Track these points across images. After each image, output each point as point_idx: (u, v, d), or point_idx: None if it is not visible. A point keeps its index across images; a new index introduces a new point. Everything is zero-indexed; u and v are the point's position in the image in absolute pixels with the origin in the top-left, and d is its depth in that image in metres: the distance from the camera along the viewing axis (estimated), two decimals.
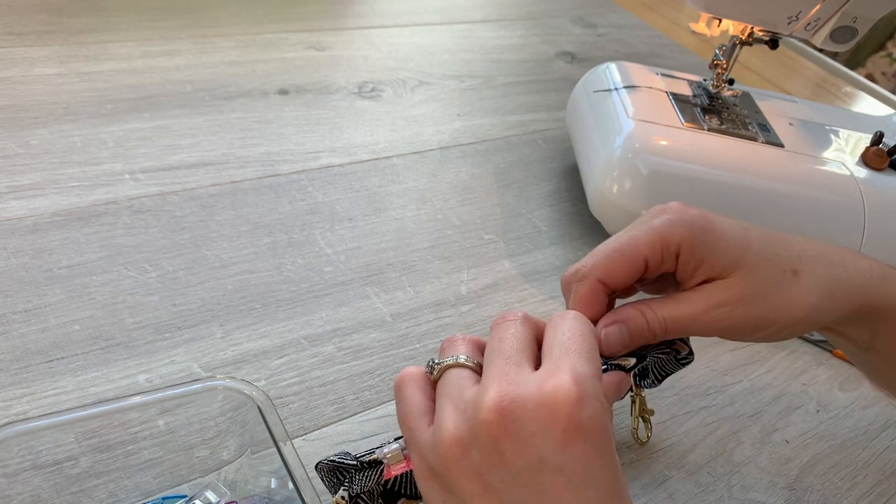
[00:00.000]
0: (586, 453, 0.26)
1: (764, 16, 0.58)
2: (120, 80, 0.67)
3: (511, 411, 0.26)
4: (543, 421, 0.26)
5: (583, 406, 0.26)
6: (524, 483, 0.26)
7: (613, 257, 0.36)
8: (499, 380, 0.28)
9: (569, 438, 0.26)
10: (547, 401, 0.26)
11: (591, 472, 0.26)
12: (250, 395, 0.35)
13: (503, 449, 0.26)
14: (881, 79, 1.81)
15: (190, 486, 0.37)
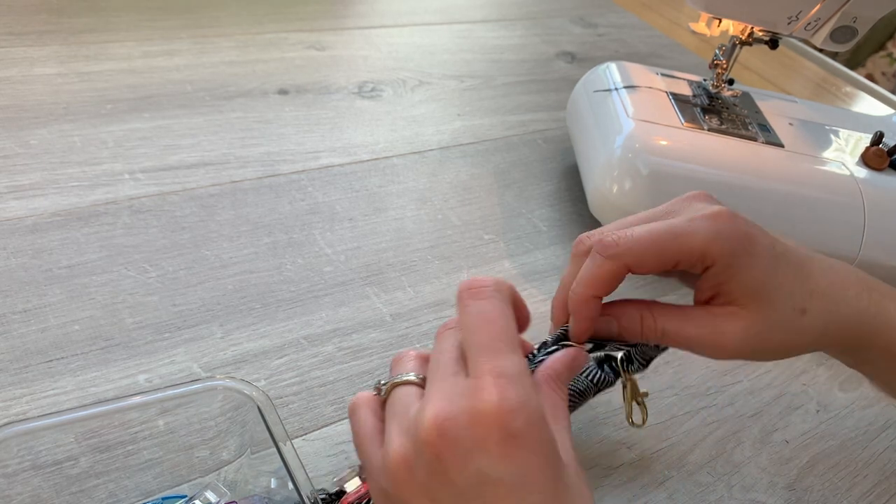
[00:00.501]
0: (523, 459, 0.26)
1: (764, 16, 0.58)
2: (120, 80, 0.67)
3: (447, 430, 0.26)
4: (477, 436, 0.26)
5: (513, 416, 0.26)
6: (469, 498, 0.26)
7: (650, 250, 0.34)
8: (435, 396, 0.28)
9: (503, 450, 0.26)
10: (477, 416, 0.26)
11: (531, 476, 0.26)
12: (250, 395, 0.35)
13: (445, 467, 0.26)
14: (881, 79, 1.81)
15: (190, 486, 0.37)
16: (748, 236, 0.35)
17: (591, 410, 0.48)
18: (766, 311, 0.35)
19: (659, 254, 0.34)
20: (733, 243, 0.35)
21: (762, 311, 0.35)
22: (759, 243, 0.36)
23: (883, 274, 0.58)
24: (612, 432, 0.47)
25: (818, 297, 0.37)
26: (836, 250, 0.57)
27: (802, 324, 0.36)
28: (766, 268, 0.36)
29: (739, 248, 0.35)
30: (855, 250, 0.57)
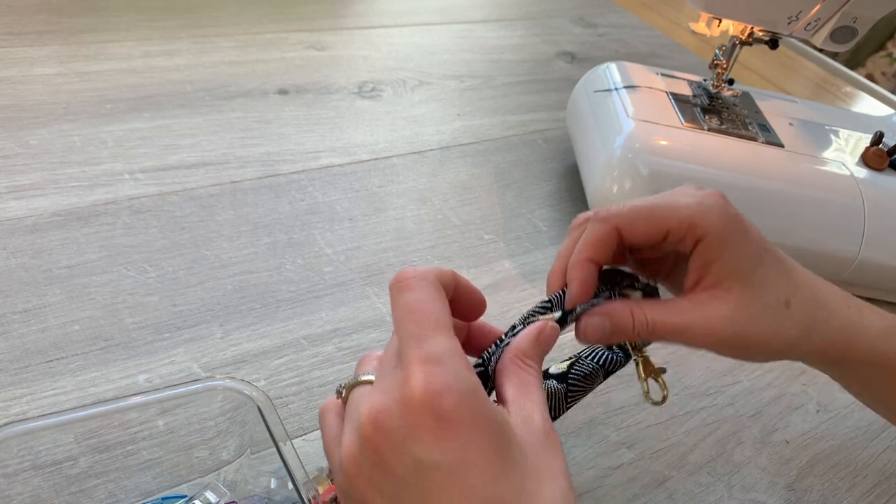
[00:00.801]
0: (457, 442, 0.26)
1: (764, 16, 0.58)
2: (120, 80, 0.67)
3: (380, 422, 0.27)
4: (408, 424, 0.26)
5: (440, 398, 0.26)
6: (410, 486, 0.27)
7: (642, 215, 0.36)
8: (374, 391, 0.28)
9: (436, 435, 0.26)
10: (407, 404, 0.26)
11: (467, 458, 0.26)
12: (250, 395, 0.35)
13: (384, 458, 0.27)
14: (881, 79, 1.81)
15: (190, 486, 0.37)
16: (739, 219, 0.36)
17: (592, 410, 0.48)
18: (750, 297, 0.36)
19: (649, 218, 0.36)
20: (724, 220, 0.36)
21: (747, 296, 0.36)
22: (750, 230, 0.37)
23: (883, 274, 0.59)
24: (611, 432, 0.47)
25: (802, 294, 0.38)
26: (836, 250, 0.57)
27: (787, 316, 0.37)
28: (754, 253, 0.36)
29: (731, 226, 0.36)
30: (855, 250, 0.57)
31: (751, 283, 0.36)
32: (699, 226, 0.35)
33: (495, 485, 0.26)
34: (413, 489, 0.27)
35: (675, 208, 0.36)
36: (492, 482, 0.26)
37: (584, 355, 0.41)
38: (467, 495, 0.26)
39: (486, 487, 0.26)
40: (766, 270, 0.37)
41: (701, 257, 0.36)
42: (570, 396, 0.39)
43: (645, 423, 0.48)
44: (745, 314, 0.36)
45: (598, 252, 0.36)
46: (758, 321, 0.36)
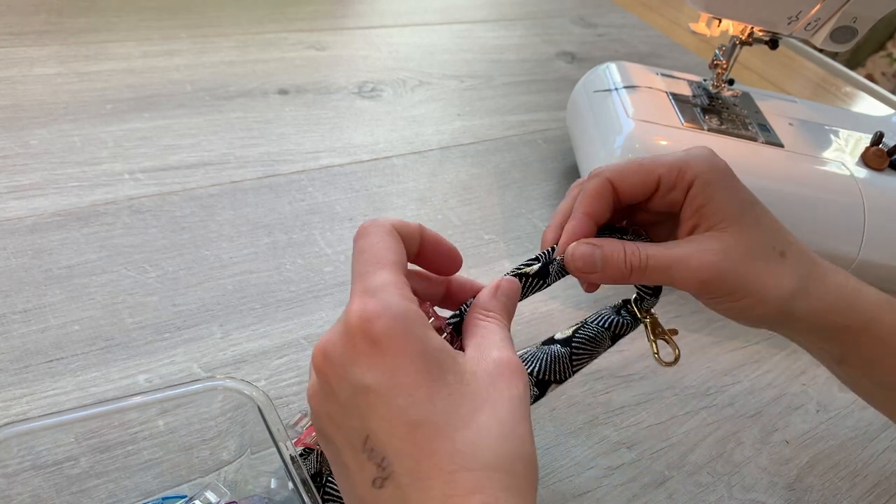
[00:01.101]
0: (389, 364, 0.27)
1: (764, 16, 0.58)
2: (120, 80, 0.67)
3: (326, 352, 0.28)
4: (346, 352, 0.28)
5: (371, 322, 0.27)
6: (350, 409, 0.28)
7: (632, 166, 0.37)
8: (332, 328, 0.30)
9: (368, 358, 0.27)
10: (345, 332, 0.28)
11: (398, 381, 0.27)
12: (250, 395, 0.35)
13: (332, 387, 0.28)
14: (881, 79, 1.81)
15: (190, 486, 0.37)
16: (727, 166, 0.38)
17: (591, 410, 0.48)
18: (745, 236, 0.36)
19: (639, 167, 0.37)
20: (712, 165, 0.37)
21: (742, 236, 0.36)
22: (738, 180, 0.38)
23: (883, 274, 0.59)
24: (612, 432, 0.47)
25: (797, 248, 0.38)
26: (836, 250, 0.57)
27: (781, 264, 0.37)
28: (746, 200, 0.38)
29: (719, 168, 0.37)
30: (855, 250, 0.57)
31: (745, 224, 0.37)
32: (688, 170, 0.36)
33: (424, 406, 0.27)
34: (352, 412, 0.28)
35: (663, 158, 0.37)
36: (420, 403, 0.27)
37: (590, 320, 0.40)
38: (395, 415, 0.27)
39: (414, 408, 0.27)
40: (758, 215, 0.38)
41: (692, 203, 0.37)
42: (574, 359, 0.39)
43: (645, 423, 0.48)
44: (743, 251, 0.36)
45: (595, 206, 0.37)
46: (754, 262, 0.36)
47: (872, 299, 0.39)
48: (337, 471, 0.30)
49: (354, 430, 0.28)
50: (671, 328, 0.40)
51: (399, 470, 0.26)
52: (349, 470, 0.28)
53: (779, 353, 0.55)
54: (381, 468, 0.27)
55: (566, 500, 0.42)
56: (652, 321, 0.40)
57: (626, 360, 0.51)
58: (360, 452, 0.28)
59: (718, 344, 0.55)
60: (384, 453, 0.27)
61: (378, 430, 0.27)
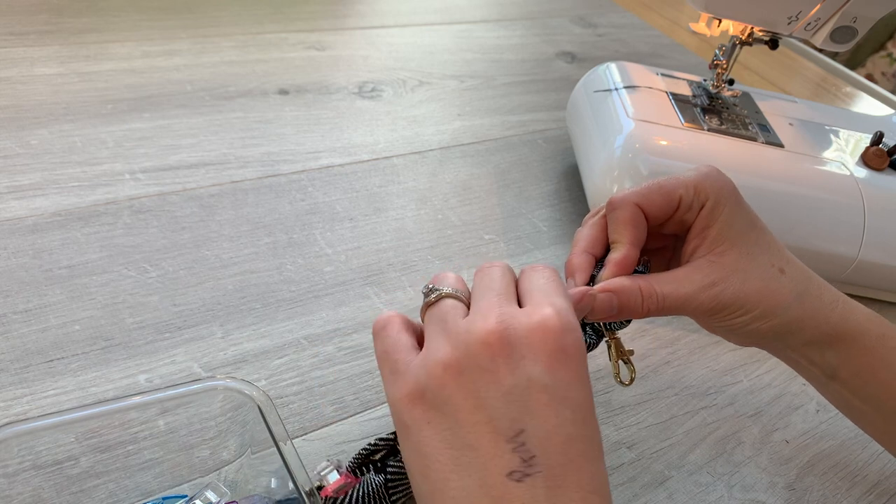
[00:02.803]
0: (567, 375, 0.29)
1: (764, 16, 0.58)
2: (120, 80, 0.67)
3: (506, 335, 0.29)
4: (533, 345, 0.29)
5: (566, 334, 0.29)
6: (513, 399, 0.28)
7: (653, 188, 0.39)
8: (495, 309, 0.30)
9: (554, 362, 0.29)
10: (537, 328, 0.29)
11: (569, 393, 0.29)
12: (250, 395, 0.35)
13: (497, 368, 0.29)
14: (881, 79, 1.81)
15: (190, 486, 0.37)
16: (734, 188, 0.40)
17: None
18: (745, 257, 0.39)
19: (660, 188, 0.38)
20: (723, 186, 0.39)
21: (743, 257, 0.39)
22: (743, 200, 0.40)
23: (883, 274, 0.59)
24: (612, 432, 0.47)
25: (795, 266, 0.40)
26: (836, 250, 0.57)
27: (780, 280, 0.39)
28: (748, 220, 0.40)
29: (728, 192, 0.39)
30: (855, 250, 0.57)
31: (744, 246, 0.39)
32: (703, 189, 0.39)
33: (583, 425, 0.29)
34: (516, 401, 0.28)
35: (680, 178, 0.39)
36: (581, 422, 0.29)
37: None
38: (560, 423, 0.28)
39: (575, 424, 0.29)
40: (758, 236, 0.40)
41: (700, 224, 0.39)
42: None
43: (645, 423, 0.48)
44: (744, 276, 0.38)
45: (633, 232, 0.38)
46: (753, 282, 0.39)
47: (864, 312, 0.41)
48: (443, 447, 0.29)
49: (510, 418, 0.28)
50: (629, 349, 0.42)
51: (547, 473, 0.28)
52: (477, 451, 0.28)
53: None
54: (526, 464, 0.28)
55: None
56: (615, 342, 0.42)
57: None
58: (504, 441, 0.28)
59: (718, 344, 0.55)
60: (535, 452, 0.28)
61: (538, 429, 0.28)
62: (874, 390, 0.41)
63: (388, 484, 0.37)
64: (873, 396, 0.42)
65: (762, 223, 0.41)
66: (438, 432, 0.29)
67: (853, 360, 0.41)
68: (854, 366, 0.41)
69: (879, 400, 0.42)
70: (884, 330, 0.41)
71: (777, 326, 0.40)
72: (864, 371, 0.41)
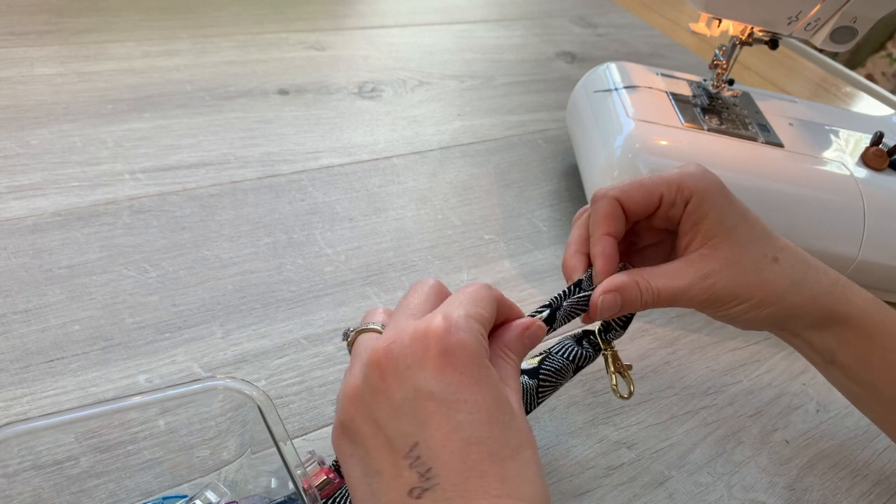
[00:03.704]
0: (456, 379, 0.28)
1: (764, 16, 0.58)
2: (120, 80, 0.67)
3: (391, 350, 0.29)
4: (416, 353, 0.28)
5: (449, 335, 0.28)
6: (403, 413, 0.28)
7: (634, 184, 0.40)
8: (390, 330, 0.30)
9: (438, 366, 0.28)
10: (419, 335, 0.29)
11: (461, 397, 0.28)
12: (250, 395, 0.35)
13: (387, 386, 0.28)
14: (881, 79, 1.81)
15: (190, 486, 0.37)
16: (722, 184, 0.40)
17: (591, 410, 0.48)
18: (737, 249, 0.39)
19: (641, 185, 0.40)
20: (707, 182, 0.40)
21: (735, 249, 0.39)
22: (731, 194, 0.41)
23: (883, 274, 0.59)
24: (612, 432, 0.47)
25: (789, 253, 0.41)
26: (836, 250, 0.57)
27: (774, 269, 0.40)
28: (739, 213, 0.40)
29: (715, 188, 0.40)
30: (855, 250, 0.57)
31: (737, 238, 0.39)
32: (686, 187, 0.39)
33: (482, 427, 0.27)
34: (406, 415, 0.28)
35: (662, 176, 0.40)
36: (479, 423, 0.27)
37: (553, 350, 0.42)
38: (453, 429, 0.27)
39: (472, 427, 0.27)
40: (750, 227, 0.40)
41: (689, 219, 0.40)
42: (540, 392, 0.40)
43: (645, 423, 0.48)
44: (737, 268, 0.39)
45: (612, 225, 0.39)
46: (747, 273, 0.39)
47: (862, 295, 0.42)
48: (361, 478, 0.29)
49: (403, 434, 0.28)
50: (626, 363, 0.43)
51: (445, 484, 0.26)
52: (382, 476, 0.28)
53: (779, 353, 0.55)
54: (423, 478, 0.27)
55: (566, 500, 0.42)
56: (612, 354, 0.42)
57: (626, 361, 0.51)
58: (401, 458, 0.27)
59: (718, 344, 0.55)
60: (431, 464, 0.27)
61: (430, 439, 0.27)
62: (871, 376, 0.42)
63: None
64: (870, 382, 0.42)
65: (754, 215, 0.41)
66: (356, 463, 0.29)
67: (851, 344, 0.41)
68: (852, 350, 0.42)
69: (876, 386, 0.42)
70: (882, 316, 0.41)
71: (775, 313, 0.40)
72: (862, 356, 0.42)
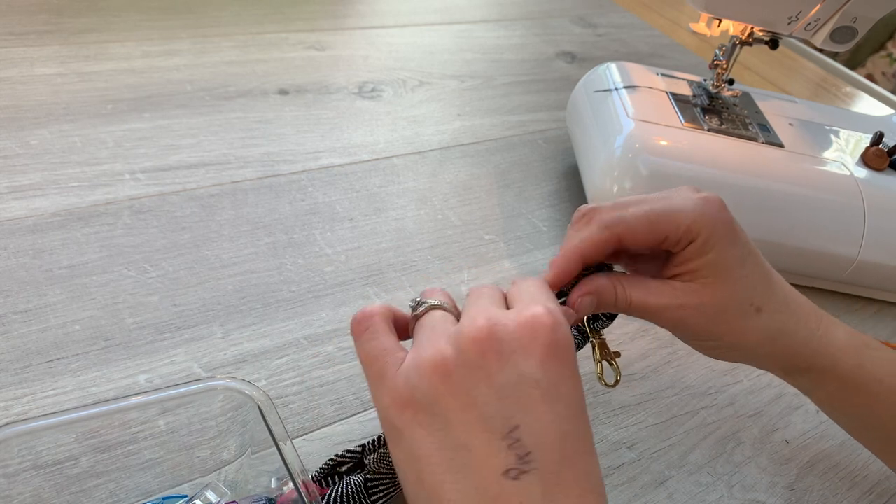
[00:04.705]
0: (559, 370, 0.29)
1: (764, 16, 0.58)
2: (120, 80, 0.67)
3: (495, 332, 0.29)
4: (523, 341, 0.29)
5: (556, 329, 0.29)
6: (505, 395, 0.28)
7: (640, 219, 0.37)
8: (483, 312, 0.30)
9: (545, 356, 0.29)
10: (526, 325, 0.29)
11: (562, 388, 0.29)
12: (250, 395, 0.35)
13: (488, 366, 0.28)
14: (881, 79, 1.81)
15: (190, 486, 0.37)
16: (732, 224, 0.38)
17: (591, 410, 0.48)
18: (725, 295, 0.38)
19: (648, 225, 0.37)
20: (718, 225, 0.38)
21: (722, 294, 0.38)
22: (740, 236, 0.39)
23: (883, 274, 0.59)
24: (612, 432, 0.47)
25: (775, 302, 0.39)
26: (836, 250, 0.57)
27: (755, 321, 0.39)
28: (738, 257, 0.38)
29: (722, 230, 0.38)
30: (855, 250, 0.57)
31: (729, 282, 0.38)
32: (695, 228, 0.37)
33: (575, 421, 0.29)
34: (509, 398, 0.28)
35: (675, 216, 0.37)
36: (574, 417, 0.29)
37: None
38: (553, 418, 0.28)
39: (568, 420, 0.28)
40: (747, 273, 0.38)
41: (687, 255, 0.38)
42: None
43: (645, 423, 0.48)
44: (716, 310, 0.38)
45: (595, 253, 0.37)
46: (726, 319, 0.38)
47: (840, 343, 0.40)
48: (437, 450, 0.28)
49: (503, 415, 0.28)
50: (615, 351, 0.42)
51: (543, 470, 0.27)
52: (471, 452, 0.28)
53: None
54: (522, 461, 0.27)
55: None
56: (600, 343, 0.42)
57: (626, 360, 0.51)
58: (498, 438, 0.28)
59: None
60: (531, 448, 0.27)
61: (533, 424, 0.28)
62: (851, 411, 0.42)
63: (367, 484, 0.37)
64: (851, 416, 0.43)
65: (755, 254, 0.39)
66: (430, 434, 0.28)
67: (826, 390, 0.41)
68: (827, 391, 0.42)
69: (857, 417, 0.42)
70: (860, 360, 0.40)
71: (745, 357, 0.40)
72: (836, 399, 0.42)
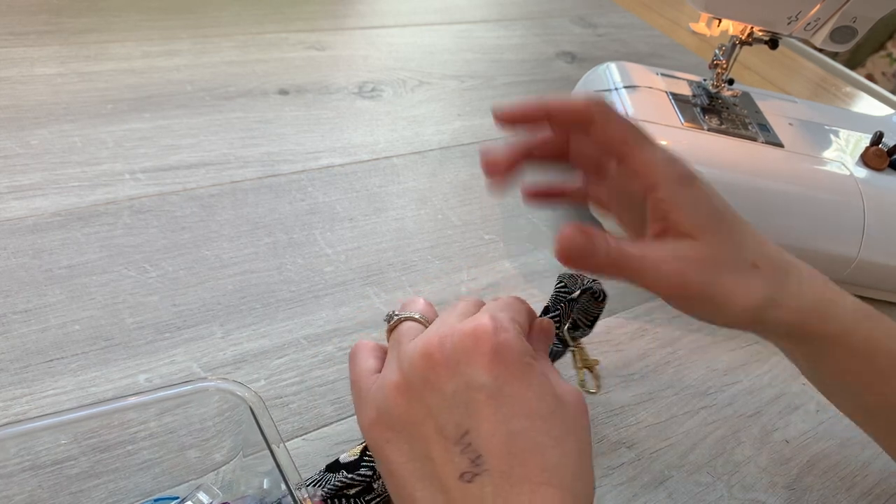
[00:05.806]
0: (504, 375, 0.30)
1: (764, 16, 0.58)
2: (120, 80, 0.67)
3: (442, 345, 0.31)
4: (467, 350, 0.31)
5: (498, 333, 0.31)
6: (455, 403, 0.30)
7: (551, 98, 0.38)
8: (439, 327, 0.33)
9: (489, 361, 0.30)
10: (470, 334, 0.31)
11: (509, 392, 0.30)
12: (242, 396, 0.34)
13: (438, 378, 0.31)
14: (881, 79, 1.81)
15: (188, 486, 0.37)
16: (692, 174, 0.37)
17: (591, 410, 0.48)
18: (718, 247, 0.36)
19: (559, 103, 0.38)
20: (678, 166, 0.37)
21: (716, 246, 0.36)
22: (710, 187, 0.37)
23: (883, 274, 0.59)
24: (612, 432, 0.47)
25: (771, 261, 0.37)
26: (836, 250, 0.57)
27: (753, 279, 0.36)
28: (718, 206, 0.37)
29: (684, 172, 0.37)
30: (855, 250, 0.57)
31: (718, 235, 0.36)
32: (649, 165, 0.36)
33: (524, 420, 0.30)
34: (458, 405, 0.30)
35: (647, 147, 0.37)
36: (522, 416, 0.30)
37: None
38: (500, 420, 0.29)
39: (516, 419, 0.29)
40: (732, 226, 0.37)
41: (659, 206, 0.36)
42: None
43: (645, 423, 0.48)
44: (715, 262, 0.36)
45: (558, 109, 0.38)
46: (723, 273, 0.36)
47: (849, 309, 0.38)
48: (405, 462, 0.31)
49: (454, 422, 0.30)
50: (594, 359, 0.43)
51: (493, 471, 0.29)
52: (433, 461, 0.30)
53: (779, 353, 0.55)
54: (474, 464, 0.29)
55: None
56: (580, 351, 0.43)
57: (625, 360, 0.51)
58: (452, 444, 0.30)
59: (718, 344, 0.55)
60: (480, 451, 0.29)
61: (480, 428, 0.29)
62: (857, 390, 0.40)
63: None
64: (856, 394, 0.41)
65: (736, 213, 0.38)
66: (398, 448, 0.31)
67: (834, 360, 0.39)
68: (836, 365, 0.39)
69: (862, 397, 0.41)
70: (871, 331, 0.38)
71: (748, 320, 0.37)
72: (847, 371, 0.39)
